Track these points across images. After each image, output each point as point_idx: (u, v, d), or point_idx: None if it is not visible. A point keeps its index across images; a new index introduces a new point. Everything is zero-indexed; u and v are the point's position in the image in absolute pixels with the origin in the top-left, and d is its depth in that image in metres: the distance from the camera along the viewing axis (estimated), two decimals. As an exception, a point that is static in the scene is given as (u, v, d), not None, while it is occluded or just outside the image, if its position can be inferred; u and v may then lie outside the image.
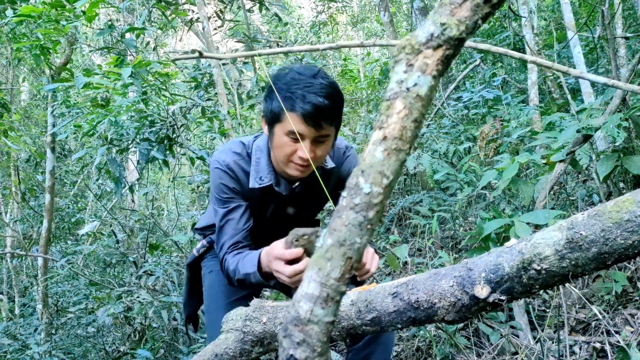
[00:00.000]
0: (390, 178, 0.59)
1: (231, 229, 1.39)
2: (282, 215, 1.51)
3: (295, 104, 1.21)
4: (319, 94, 1.20)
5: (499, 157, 2.67)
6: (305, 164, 1.27)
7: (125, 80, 2.32)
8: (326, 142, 1.28)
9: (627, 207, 0.74)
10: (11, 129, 3.79)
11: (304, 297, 0.65)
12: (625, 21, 5.34)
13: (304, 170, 1.30)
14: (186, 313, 1.75)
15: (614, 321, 2.17)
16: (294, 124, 1.21)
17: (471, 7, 0.60)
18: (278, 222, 1.52)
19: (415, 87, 0.59)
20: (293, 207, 1.49)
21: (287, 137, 1.25)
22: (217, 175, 1.40)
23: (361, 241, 0.63)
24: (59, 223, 5.77)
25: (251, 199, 1.43)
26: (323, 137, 1.26)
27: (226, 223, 1.40)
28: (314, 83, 1.22)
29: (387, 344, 1.46)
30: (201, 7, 2.81)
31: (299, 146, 1.24)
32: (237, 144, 1.45)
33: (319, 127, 1.22)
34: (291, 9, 11.17)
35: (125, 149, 2.85)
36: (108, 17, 6.47)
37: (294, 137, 1.23)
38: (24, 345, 3.27)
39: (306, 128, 1.21)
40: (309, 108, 1.19)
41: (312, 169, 1.29)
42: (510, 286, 0.83)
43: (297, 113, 1.20)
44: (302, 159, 1.25)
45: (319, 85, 1.22)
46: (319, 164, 1.33)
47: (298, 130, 1.21)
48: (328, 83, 1.24)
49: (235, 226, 1.39)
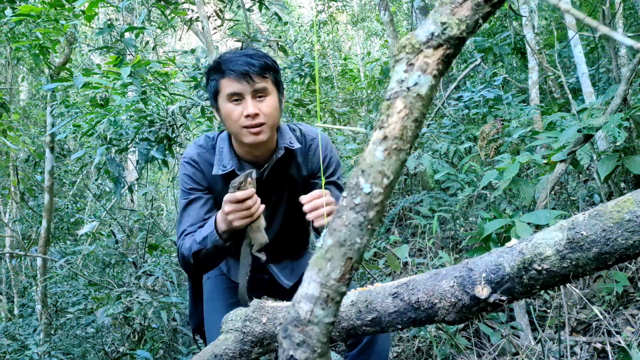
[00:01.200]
0: (391, 178, 0.59)
1: (191, 218, 1.41)
2: None
3: (225, 69, 1.31)
4: (244, 54, 1.32)
5: (500, 157, 2.66)
6: (254, 123, 1.31)
7: (125, 80, 2.32)
8: (267, 98, 1.33)
9: (628, 207, 0.73)
10: (10, 129, 3.78)
11: (304, 298, 0.65)
12: (626, 21, 5.34)
13: (257, 132, 1.32)
14: (193, 325, 1.70)
15: (614, 321, 2.17)
16: (228, 86, 1.30)
17: (472, 6, 0.60)
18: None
19: (415, 86, 0.59)
20: (266, 195, 1.44)
21: (229, 103, 1.32)
22: (182, 169, 1.46)
23: (361, 241, 0.62)
24: (58, 223, 5.76)
25: (220, 190, 1.43)
26: (261, 93, 1.32)
27: (186, 212, 1.43)
28: (240, 52, 1.34)
29: (382, 352, 1.46)
30: (201, 6, 2.81)
31: (243, 106, 1.30)
32: (202, 138, 1.51)
33: (251, 81, 1.29)
34: (291, 8, 11.16)
35: (125, 149, 2.84)
36: (107, 17, 6.46)
37: (235, 98, 1.31)
38: (23, 345, 3.27)
39: (240, 85, 1.29)
40: (236, 66, 1.29)
41: (266, 132, 1.33)
42: (511, 286, 0.82)
43: (229, 76, 1.30)
44: (249, 116, 1.30)
45: (243, 51, 1.34)
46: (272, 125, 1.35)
47: (234, 90, 1.30)
48: (251, 49, 1.37)
49: (195, 215, 1.41)
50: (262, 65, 1.31)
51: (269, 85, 1.33)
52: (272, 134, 1.39)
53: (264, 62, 1.32)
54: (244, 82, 1.29)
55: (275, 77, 1.36)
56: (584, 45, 5.08)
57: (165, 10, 3.03)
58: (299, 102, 4.09)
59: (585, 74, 3.66)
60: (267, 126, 1.33)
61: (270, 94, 1.34)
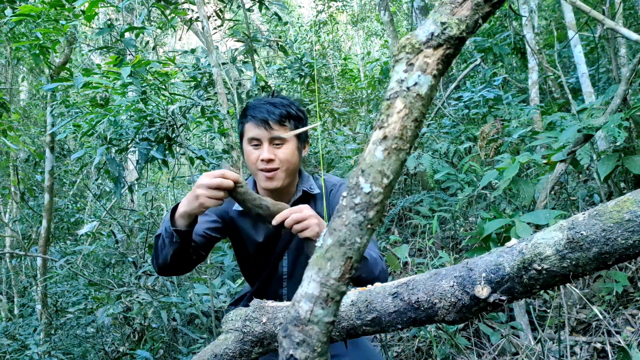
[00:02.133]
0: (391, 178, 0.59)
1: None
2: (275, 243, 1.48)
3: (248, 114, 1.41)
4: (268, 102, 1.41)
5: (500, 157, 2.67)
6: (268, 167, 1.37)
7: (125, 80, 2.32)
8: (284, 145, 1.39)
9: (628, 206, 0.73)
10: (10, 129, 3.78)
11: (304, 297, 0.65)
12: (626, 21, 5.33)
13: (270, 177, 1.39)
14: None
15: (614, 321, 2.17)
16: (250, 130, 1.39)
17: (472, 6, 0.60)
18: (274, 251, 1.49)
19: (415, 86, 0.59)
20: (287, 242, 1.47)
21: (250, 146, 1.41)
22: None
23: (361, 241, 0.62)
24: (58, 223, 5.76)
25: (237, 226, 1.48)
26: (278, 140, 1.38)
27: None
28: (266, 99, 1.43)
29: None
30: (201, 6, 2.81)
31: (260, 150, 1.38)
32: None
33: (269, 128, 1.37)
34: (291, 8, 11.16)
35: (125, 149, 2.84)
36: (107, 17, 6.46)
37: (254, 144, 1.39)
38: (23, 345, 3.27)
39: (259, 130, 1.38)
40: (257, 113, 1.39)
41: (280, 178, 1.39)
42: (511, 286, 0.82)
43: (250, 121, 1.39)
44: (263, 161, 1.37)
45: (268, 98, 1.44)
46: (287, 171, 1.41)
47: (253, 135, 1.38)
48: (279, 97, 1.44)
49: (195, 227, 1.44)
50: (283, 113, 1.39)
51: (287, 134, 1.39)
52: (289, 181, 1.44)
53: (285, 111, 1.39)
54: (262, 128, 1.37)
55: (296, 126, 1.42)
56: (584, 45, 5.08)
57: (165, 10, 3.03)
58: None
59: (585, 74, 3.66)
60: (281, 171, 1.39)
61: (288, 142, 1.40)
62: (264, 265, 1.50)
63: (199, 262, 1.42)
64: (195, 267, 1.45)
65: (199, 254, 1.39)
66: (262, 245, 1.48)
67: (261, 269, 1.51)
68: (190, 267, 1.39)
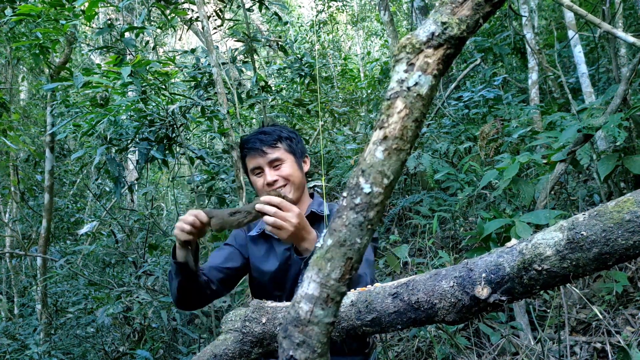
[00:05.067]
0: (391, 178, 0.59)
1: (208, 261, 1.53)
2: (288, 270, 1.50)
3: (245, 148, 1.53)
4: (259, 132, 1.53)
5: (500, 157, 2.66)
6: (275, 188, 1.46)
7: (125, 80, 2.31)
8: (283, 164, 1.49)
9: (628, 207, 0.73)
10: (10, 129, 3.78)
11: (304, 298, 0.64)
12: (626, 21, 5.33)
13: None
14: None
15: (614, 321, 2.17)
16: (250, 162, 1.51)
17: (472, 6, 0.60)
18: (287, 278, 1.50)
19: (416, 86, 0.58)
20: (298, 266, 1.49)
21: (254, 176, 1.51)
22: None
23: (361, 241, 0.62)
24: (58, 223, 5.76)
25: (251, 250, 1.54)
26: (276, 161, 1.48)
27: (210, 255, 1.56)
28: (258, 130, 1.54)
29: None
30: (201, 6, 2.80)
31: (263, 177, 1.48)
32: None
33: (263, 153, 1.47)
34: (291, 8, 11.16)
35: (125, 149, 2.84)
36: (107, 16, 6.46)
37: (257, 172, 1.50)
38: (23, 345, 3.27)
39: (256, 159, 1.48)
40: (250, 144, 1.50)
41: (289, 192, 1.47)
42: (511, 286, 0.82)
43: (249, 154, 1.51)
44: (269, 184, 1.47)
45: (260, 129, 1.55)
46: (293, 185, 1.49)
47: (254, 166, 1.50)
48: (268, 125, 1.57)
49: (212, 258, 1.54)
50: (274, 137, 1.49)
51: (282, 154, 1.49)
52: (298, 195, 1.52)
53: (276, 135, 1.50)
54: (259, 157, 1.48)
55: (289, 145, 1.52)
56: (584, 45, 5.08)
57: (165, 10, 3.03)
58: (299, 102, 4.09)
59: (585, 74, 3.66)
60: (289, 186, 1.48)
61: (286, 161, 1.50)
62: (279, 292, 1.51)
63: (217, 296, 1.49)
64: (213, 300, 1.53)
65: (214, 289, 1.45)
66: (276, 272, 1.50)
67: (275, 297, 1.51)
68: (205, 300, 1.47)
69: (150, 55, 4.95)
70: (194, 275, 1.34)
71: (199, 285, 1.37)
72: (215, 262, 1.50)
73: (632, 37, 1.65)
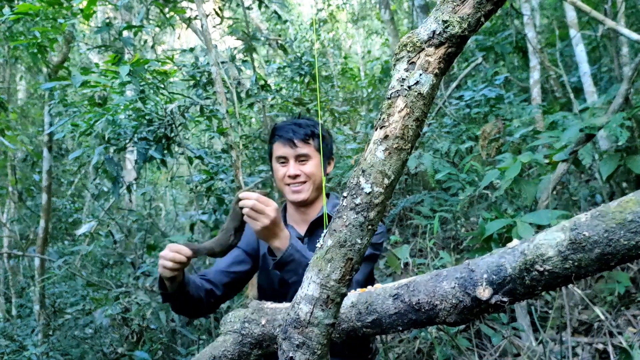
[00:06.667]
0: (392, 178, 0.57)
1: (216, 264, 1.53)
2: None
3: (276, 134, 1.53)
4: (294, 122, 1.54)
5: (501, 157, 2.65)
6: (295, 182, 1.48)
7: (123, 79, 2.30)
8: (309, 161, 1.50)
9: (631, 207, 0.72)
10: (8, 128, 3.77)
11: (304, 299, 0.63)
12: (628, 19, 5.32)
13: (297, 190, 1.49)
14: None
15: (616, 322, 2.16)
16: (277, 149, 1.52)
17: (474, 4, 0.59)
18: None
19: (417, 85, 0.57)
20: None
21: (277, 164, 1.53)
22: None
23: (362, 242, 0.61)
24: (56, 223, 5.75)
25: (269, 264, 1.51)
26: (303, 157, 1.49)
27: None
28: (293, 120, 1.56)
29: None
30: (200, 4, 2.79)
31: (287, 167, 1.50)
32: None
33: (294, 145, 1.48)
34: (291, 7, 11.14)
35: (123, 148, 2.83)
36: (106, 15, 6.45)
37: (282, 161, 1.51)
38: (21, 346, 3.25)
39: (285, 149, 1.49)
40: (283, 133, 1.51)
41: (307, 190, 1.49)
42: (513, 287, 0.81)
43: (278, 141, 1.52)
44: (290, 177, 1.48)
45: (294, 119, 1.56)
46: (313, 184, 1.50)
47: (280, 154, 1.51)
48: (303, 118, 1.57)
49: (217, 261, 1.53)
50: (307, 132, 1.50)
51: (311, 151, 1.51)
52: (316, 195, 1.54)
53: (309, 130, 1.51)
54: (288, 147, 1.49)
55: (319, 144, 1.52)
56: (586, 44, 5.07)
57: (164, 8, 3.02)
58: (298, 101, 4.08)
59: (587, 73, 3.65)
60: (308, 184, 1.50)
61: (313, 159, 1.51)
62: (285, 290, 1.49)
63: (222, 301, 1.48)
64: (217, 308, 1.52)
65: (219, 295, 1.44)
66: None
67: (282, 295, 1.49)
68: (206, 311, 1.46)
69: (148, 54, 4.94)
70: (185, 297, 1.32)
71: (194, 302, 1.35)
72: (221, 266, 1.50)
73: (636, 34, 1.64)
